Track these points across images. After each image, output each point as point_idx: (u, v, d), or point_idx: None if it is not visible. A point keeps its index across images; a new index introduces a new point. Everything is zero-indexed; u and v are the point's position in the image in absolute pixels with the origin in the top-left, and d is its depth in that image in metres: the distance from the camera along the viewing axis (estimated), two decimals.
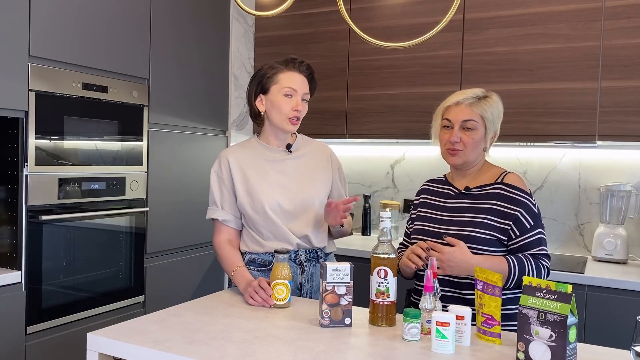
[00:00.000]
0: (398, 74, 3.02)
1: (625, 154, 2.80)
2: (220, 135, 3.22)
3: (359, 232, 3.42)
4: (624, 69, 2.50)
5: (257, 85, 1.93)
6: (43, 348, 2.24)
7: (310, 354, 1.30)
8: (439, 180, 1.90)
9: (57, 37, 2.26)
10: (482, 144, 1.75)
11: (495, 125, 1.75)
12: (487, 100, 1.74)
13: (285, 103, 1.87)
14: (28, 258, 2.18)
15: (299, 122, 1.91)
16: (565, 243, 2.91)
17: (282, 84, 1.88)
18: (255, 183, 1.90)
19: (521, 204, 1.68)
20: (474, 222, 1.70)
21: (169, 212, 2.84)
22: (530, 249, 1.67)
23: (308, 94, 1.93)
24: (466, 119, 1.72)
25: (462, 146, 1.73)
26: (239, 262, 1.87)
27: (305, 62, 1.94)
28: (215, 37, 3.14)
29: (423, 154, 3.28)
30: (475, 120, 1.71)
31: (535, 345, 1.23)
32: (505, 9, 2.74)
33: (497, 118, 1.75)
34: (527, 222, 1.67)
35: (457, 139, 1.72)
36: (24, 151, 2.16)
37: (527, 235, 1.67)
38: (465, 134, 1.72)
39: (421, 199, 1.90)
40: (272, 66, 1.92)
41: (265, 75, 1.91)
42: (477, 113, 1.71)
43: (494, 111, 1.73)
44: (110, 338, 1.39)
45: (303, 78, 1.91)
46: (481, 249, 1.67)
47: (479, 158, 1.78)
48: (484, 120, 1.72)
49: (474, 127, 1.72)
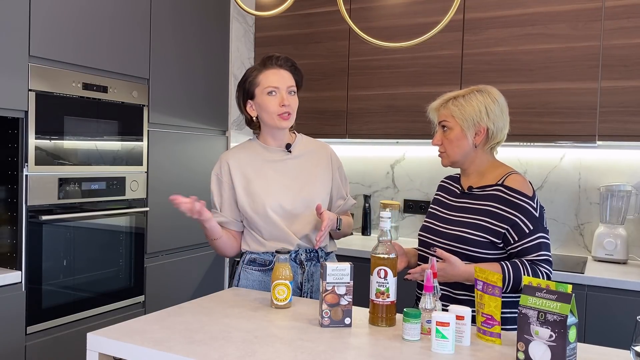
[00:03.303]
0: (398, 74, 3.02)
1: (625, 154, 2.80)
2: (220, 135, 3.22)
3: (359, 232, 3.42)
4: (624, 69, 2.50)
5: (242, 93, 1.93)
6: (43, 348, 2.24)
7: (310, 354, 1.30)
8: (453, 177, 1.91)
9: (57, 37, 2.26)
10: (464, 142, 1.73)
11: (475, 120, 1.71)
12: (460, 99, 1.73)
13: (271, 102, 1.87)
14: (28, 258, 2.18)
15: (290, 116, 1.89)
16: (565, 243, 2.91)
17: (263, 84, 1.88)
18: (255, 184, 1.90)
19: (520, 208, 1.66)
20: (469, 223, 1.69)
21: (169, 212, 2.84)
22: (529, 254, 1.64)
23: (293, 86, 1.91)
24: (440, 120, 1.78)
25: (443, 148, 1.79)
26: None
27: (282, 55, 1.92)
28: (215, 37, 3.14)
29: (423, 154, 3.28)
30: (447, 121, 1.76)
31: (535, 345, 1.23)
32: (505, 9, 2.74)
33: (475, 113, 1.71)
34: (526, 227, 1.65)
35: (438, 142, 1.79)
36: (24, 151, 2.16)
37: (526, 240, 1.65)
38: (444, 135, 1.78)
39: (435, 195, 1.92)
40: (252, 69, 1.92)
41: (246, 80, 1.91)
42: (447, 113, 1.75)
43: (466, 108, 1.71)
44: (110, 338, 1.39)
45: (284, 72, 1.90)
46: (473, 251, 1.66)
47: (473, 156, 1.76)
48: (454, 118, 1.73)
49: (449, 127, 1.76)
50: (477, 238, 1.67)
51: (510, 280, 1.60)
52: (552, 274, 1.65)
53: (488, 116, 1.72)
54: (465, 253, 1.67)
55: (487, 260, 1.67)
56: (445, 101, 1.78)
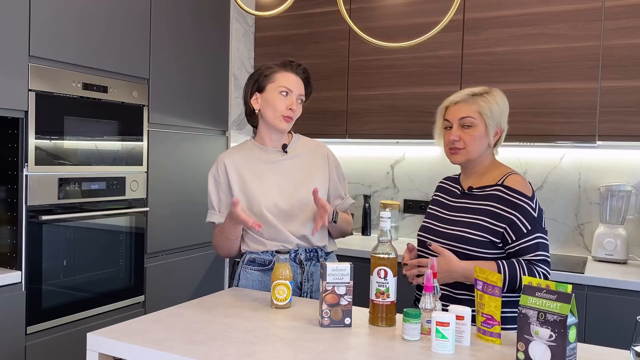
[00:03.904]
0: (398, 74, 3.02)
1: (625, 154, 2.80)
2: (220, 135, 3.21)
3: (359, 232, 3.42)
4: (624, 69, 2.50)
5: (253, 84, 1.95)
6: (43, 348, 2.24)
7: (310, 354, 1.30)
8: (452, 178, 1.90)
9: (57, 37, 2.26)
10: (485, 140, 1.73)
11: (498, 120, 1.73)
12: (484, 96, 1.73)
13: (281, 101, 1.89)
14: (28, 258, 2.18)
15: (291, 121, 1.92)
16: (565, 243, 2.91)
17: (278, 82, 1.90)
18: (251, 185, 1.91)
19: (518, 207, 1.65)
20: (469, 223, 1.69)
21: (169, 212, 2.84)
22: (527, 254, 1.64)
23: (303, 95, 1.96)
24: (463, 116, 1.72)
25: (462, 144, 1.73)
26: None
27: (302, 65, 1.97)
28: (215, 37, 3.14)
29: (423, 154, 3.28)
30: (472, 117, 1.71)
31: (535, 345, 1.23)
32: (505, 9, 2.74)
33: (499, 114, 1.73)
34: (524, 227, 1.64)
35: (456, 137, 1.73)
36: (24, 151, 2.16)
37: (524, 240, 1.64)
38: (464, 132, 1.72)
39: (434, 196, 1.91)
40: (269, 66, 1.94)
41: (262, 74, 1.93)
42: (474, 110, 1.71)
43: (493, 107, 1.71)
44: (110, 338, 1.39)
45: (299, 80, 1.94)
46: (474, 251, 1.66)
47: (484, 155, 1.76)
48: (482, 116, 1.71)
49: (472, 124, 1.71)
50: (477, 238, 1.66)
51: (506, 279, 1.60)
52: (550, 275, 1.65)
53: (505, 117, 1.75)
54: (465, 253, 1.67)
55: (485, 259, 1.66)
56: (469, 97, 1.73)
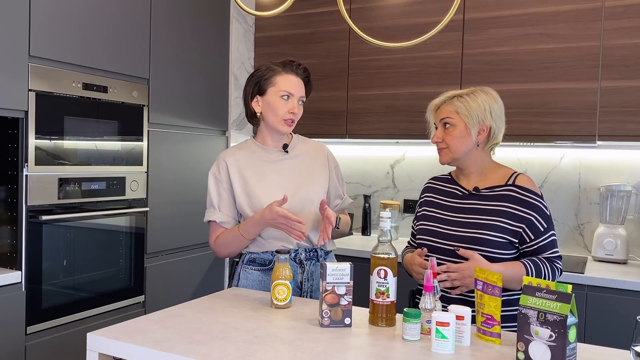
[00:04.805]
0: (398, 74, 3.02)
1: (625, 154, 2.80)
2: (220, 135, 3.22)
3: (359, 232, 3.42)
4: (624, 69, 2.50)
5: (253, 87, 1.94)
6: (43, 348, 2.24)
7: (310, 354, 1.30)
8: (443, 178, 1.90)
9: (57, 37, 2.26)
10: (467, 139, 1.73)
11: (480, 118, 1.72)
12: (463, 96, 1.74)
13: (282, 105, 1.89)
14: (28, 258, 2.18)
15: (294, 123, 1.93)
16: (565, 243, 2.91)
17: (279, 86, 1.89)
18: (253, 184, 1.91)
19: (534, 207, 1.68)
20: (487, 225, 1.69)
21: (169, 212, 2.84)
22: (545, 252, 1.68)
23: (304, 96, 1.95)
24: (442, 117, 1.77)
25: (444, 144, 1.77)
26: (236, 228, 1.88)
27: (302, 65, 1.96)
28: (215, 37, 3.14)
29: (423, 154, 3.28)
30: (450, 117, 1.74)
31: (535, 345, 1.23)
32: (505, 9, 2.74)
33: (480, 111, 1.72)
34: (541, 225, 1.68)
35: (439, 139, 1.78)
36: (24, 151, 2.16)
37: (542, 238, 1.68)
38: (446, 132, 1.76)
39: (425, 197, 1.90)
40: (269, 67, 1.93)
41: (262, 77, 1.92)
42: (451, 110, 1.74)
43: (471, 105, 1.72)
44: (110, 338, 1.39)
45: (300, 81, 1.93)
46: (494, 252, 1.66)
47: (474, 154, 1.76)
48: (459, 115, 1.72)
49: (451, 124, 1.74)
50: (495, 239, 1.67)
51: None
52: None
53: (491, 115, 1.73)
54: (482, 254, 1.66)
55: (504, 260, 1.67)
56: (448, 98, 1.77)
